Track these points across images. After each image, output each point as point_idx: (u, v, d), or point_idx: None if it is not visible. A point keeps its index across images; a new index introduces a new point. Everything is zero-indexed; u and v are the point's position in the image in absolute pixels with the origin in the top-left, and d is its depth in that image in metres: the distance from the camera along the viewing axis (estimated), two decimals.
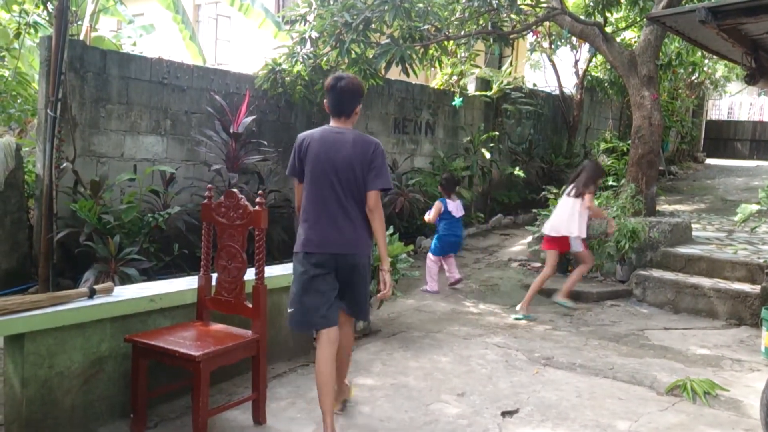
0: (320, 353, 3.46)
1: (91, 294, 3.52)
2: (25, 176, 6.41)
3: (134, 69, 6.73)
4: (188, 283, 4.10)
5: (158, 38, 11.19)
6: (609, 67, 12.15)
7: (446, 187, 7.31)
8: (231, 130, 6.97)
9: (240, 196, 3.67)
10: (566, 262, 7.78)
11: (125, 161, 6.72)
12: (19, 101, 7.70)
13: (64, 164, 5.97)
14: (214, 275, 3.81)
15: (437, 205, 7.17)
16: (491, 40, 8.26)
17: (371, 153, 3.54)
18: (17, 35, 7.33)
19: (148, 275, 5.65)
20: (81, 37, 6.99)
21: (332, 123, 3.64)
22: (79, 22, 7.07)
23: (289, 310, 3.59)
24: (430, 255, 7.26)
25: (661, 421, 3.95)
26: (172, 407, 3.80)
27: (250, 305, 3.64)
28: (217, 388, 4.03)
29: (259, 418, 3.65)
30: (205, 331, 3.65)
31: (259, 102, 7.77)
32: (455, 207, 7.23)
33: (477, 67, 11.21)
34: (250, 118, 7.13)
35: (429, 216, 7.20)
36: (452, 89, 10.78)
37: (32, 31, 7.59)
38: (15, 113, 7.58)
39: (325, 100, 3.68)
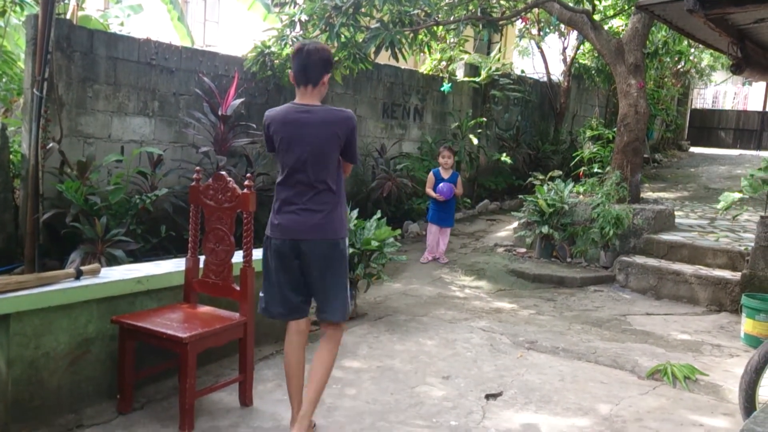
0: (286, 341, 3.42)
1: (78, 275, 3.52)
2: (11, 156, 6.35)
3: (122, 49, 6.68)
4: (175, 265, 4.11)
5: (146, 19, 11.07)
6: (596, 54, 12.17)
7: None
8: (219, 113, 6.94)
9: (228, 178, 3.66)
10: (551, 247, 7.87)
11: (112, 142, 6.68)
12: (4, 80, 7.60)
13: (51, 144, 5.93)
14: (202, 258, 3.82)
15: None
16: (480, 26, 8.24)
17: (343, 129, 3.26)
18: (2, 13, 7.21)
19: (135, 257, 5.64)
20: (68, 16, 6.91)
21: (297, 97, 3.30)
22: (66, 1, 6.99)
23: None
24: None
25: (642, 405, 4.02)
26: (159, 388, 3.82)
27: (238, 288, 3.65)
28: (203, 369, 4.06)
29: (245, 399, 3.69)
30: (193, 313, 3.67)
31: (248, 85, 7.74)
32: None
33: (466, 52, 11.20)
34: (238, 101, 7.10)
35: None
36: (441, 75, 10.77)
37: (18, 9, 7.48)
38: (0, 92, 7.49)
39: (289, 70, 3.36)
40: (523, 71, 13.05)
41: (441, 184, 7.73)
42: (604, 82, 13.49)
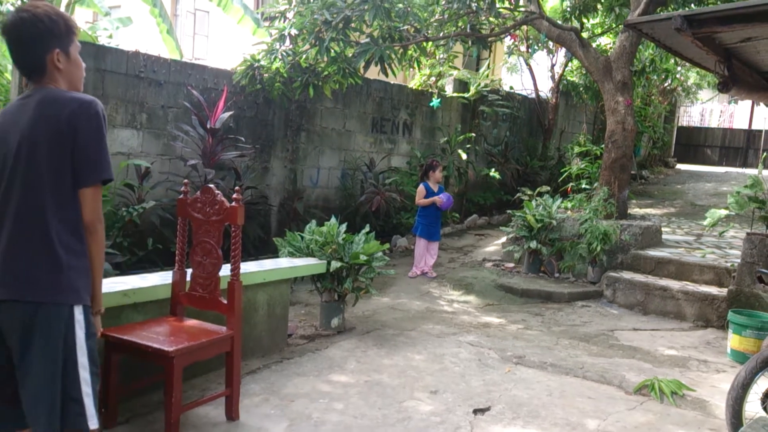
0: None
1: None
2: None
3: (110, 62, 6.67)
4: (162, 278, 4.08)
5: (135, 31, 11.07)
6: (584, 72, 12.29)
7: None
8: (208, 126, 6.93)
9: (216, 191, 3.65)
10: (539, 262, 7.88)
11: None
12: None
13: None
14: (189, 271, 3.80)
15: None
16: (469, 43, 8.31)
17: (68, 118, 2.13)
18: None
19: (122, 270, 5.59)
20: None
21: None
22: None
23: None
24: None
25: (630, 420, 4.02)
26: (144, 402, 3.77)
27: (225, 301, 3.62)
28: (189, 383, 4.02)
29: (232, 414, 3.65)
30: (179, 326, 3.63)
31: (237, 98, 7.74)
32: None
33: (455, 68, 11.27)
34: (227, 114, 7.10)
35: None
36: (430, 90, 10.83)
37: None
38: None
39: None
40: (511, 87, 13.16)
41: (441, 194, 7.74)
42: (591, 99, 13.61)
